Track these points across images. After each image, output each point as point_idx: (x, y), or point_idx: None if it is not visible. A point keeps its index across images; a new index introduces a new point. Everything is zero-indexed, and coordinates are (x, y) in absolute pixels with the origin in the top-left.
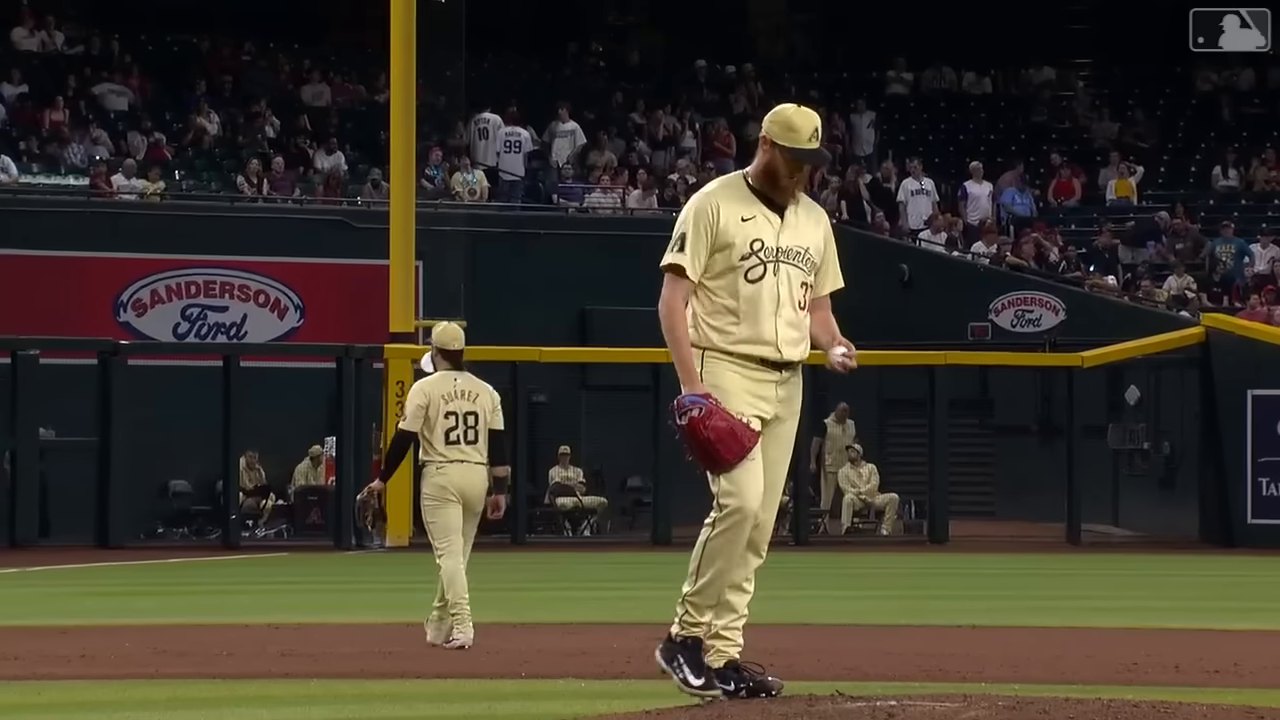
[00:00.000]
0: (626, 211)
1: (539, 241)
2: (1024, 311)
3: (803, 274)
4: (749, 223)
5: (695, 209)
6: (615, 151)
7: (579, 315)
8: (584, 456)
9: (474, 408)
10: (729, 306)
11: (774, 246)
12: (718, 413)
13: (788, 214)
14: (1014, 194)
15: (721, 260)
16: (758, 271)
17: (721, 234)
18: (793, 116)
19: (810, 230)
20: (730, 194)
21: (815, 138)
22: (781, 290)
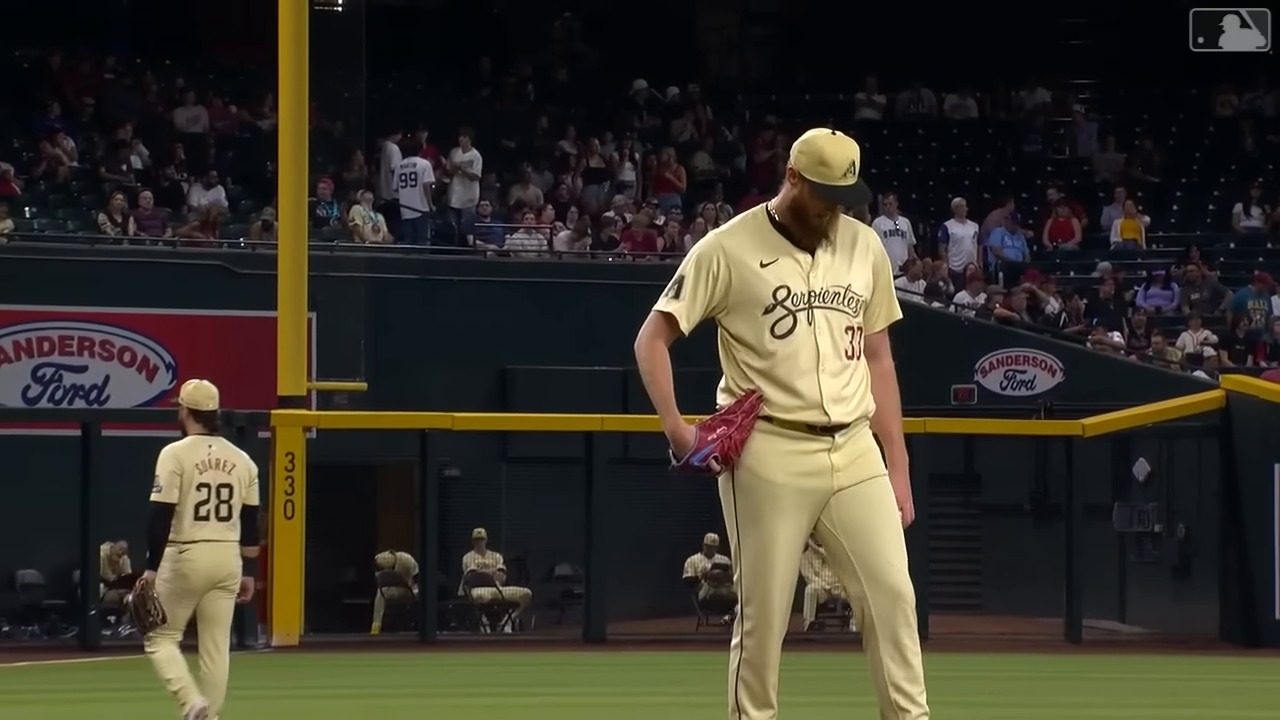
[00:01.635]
0: (554, 255)
1: (452, 290)
2: (1015, 372)
3: (846, 317)
4: (770, 268)
5: (700, 253)
6: (541, 185)
7: (499, 375)
8: (504, 540)
9: (229, 479)
10: (760, 369)
11: (804, 292)
12: (731, 441)
13: (820, 249)
14: (1003, 235)
15: (743, 316)
16: (786, 324)
17: (735, 288)
18: (824, 147)
19: (852, 261)
20: (746, 236)
21: (851, 172)
22: (821, 341)
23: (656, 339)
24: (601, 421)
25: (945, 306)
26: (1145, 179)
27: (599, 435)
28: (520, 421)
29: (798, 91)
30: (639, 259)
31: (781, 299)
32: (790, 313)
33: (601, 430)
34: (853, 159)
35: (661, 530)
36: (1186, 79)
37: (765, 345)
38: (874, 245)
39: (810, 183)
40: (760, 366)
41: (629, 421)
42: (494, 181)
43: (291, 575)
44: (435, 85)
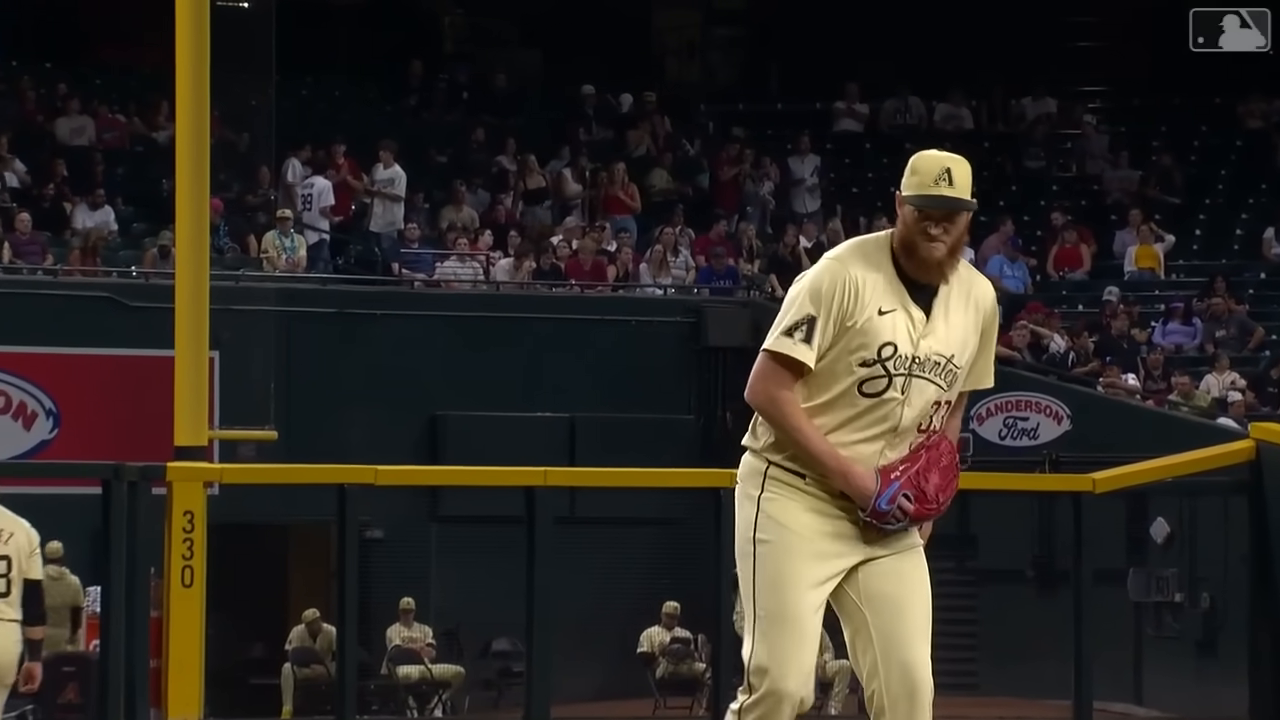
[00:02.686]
0: (491, 286)
1: (374, 325)
2: (1016, 419)
3: (939, 389)
4: (887, 317)
5: (830, 280)
6: (476, 206)
7: (428, 423)
8: (434, 611)
9: (5, 550)
10: (825, 420)
11: (908, 355)
12: (921, 477)
13: (936, 304)
14: (1002, 263)
15: (836, 358)
16: (878, 385)
17: (853, 326)
18: (916, 158)
19: (960, 324)
20: (872, 268)
21: (944, 180)
22: (905, 413)
23: (783, 388)
24: (545, 475)
25: None
26: (1163, 199)
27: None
28: (453, 475)
29: (768, 100)
30: (588, 290)
31: (885, 357)
32: (888, 374)
33: (545, 485)
34: (947, 167)
35: (614, 599)
36: (1210, 86)
37: (846, 399)
38: (986, 304)
39: (905, 198)
40: (827, 419)
41: (577, 475)
42: (422, 202)
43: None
44: (356, 92)
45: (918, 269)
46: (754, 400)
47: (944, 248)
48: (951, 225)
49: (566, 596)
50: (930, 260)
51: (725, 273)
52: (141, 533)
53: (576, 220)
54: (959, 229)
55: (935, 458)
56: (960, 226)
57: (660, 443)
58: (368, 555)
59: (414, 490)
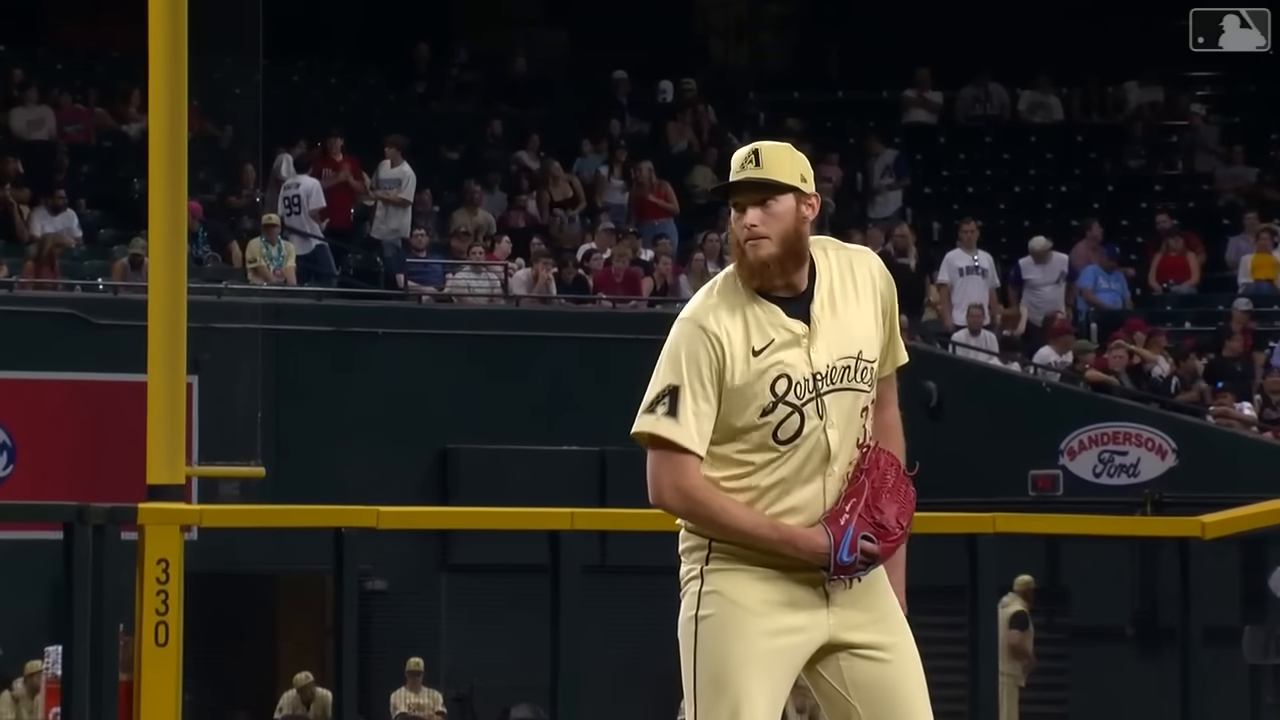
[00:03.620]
0: (510, 301)
1: (377, 346)
2: (1112, 454)
3: (862, 393)
4: (765, 353)
5: (686, 346)
6: (493, 209)
7: (437, 457)
8: (444, 674)
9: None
10: (750, 486)
11: (807, 376)
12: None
13: (815, 306)
14: (1096, 274)
15: (733, 423)
16: (792, 425)
17: (733, 384)
18: (734, 156)
19: (853, 313)
20: (726, 310)
21: (750, 162)
22: (831, 437)
23: (685, 477)
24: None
25: (1021, 367)
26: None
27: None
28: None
29: (827, 88)
30: (620, 306)
31: (782, 393)
32: (795, 408)
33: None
34: (756, 149)
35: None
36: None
37: (765, 459)
38: (874, 277)
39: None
40: (751, 485)
41: (608, 517)
42: (430, 204)
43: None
44: (355, 79)
45: (753, 276)
46: (663, 501)
47: (769, 243)
48: (767, 213)
49: (597, 657)
50: (758, 261)
51: None
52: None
53: (607, 225)
54: (781, 217)
55: (880, 480)
56: (782, 213)
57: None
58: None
59: (422, 535)
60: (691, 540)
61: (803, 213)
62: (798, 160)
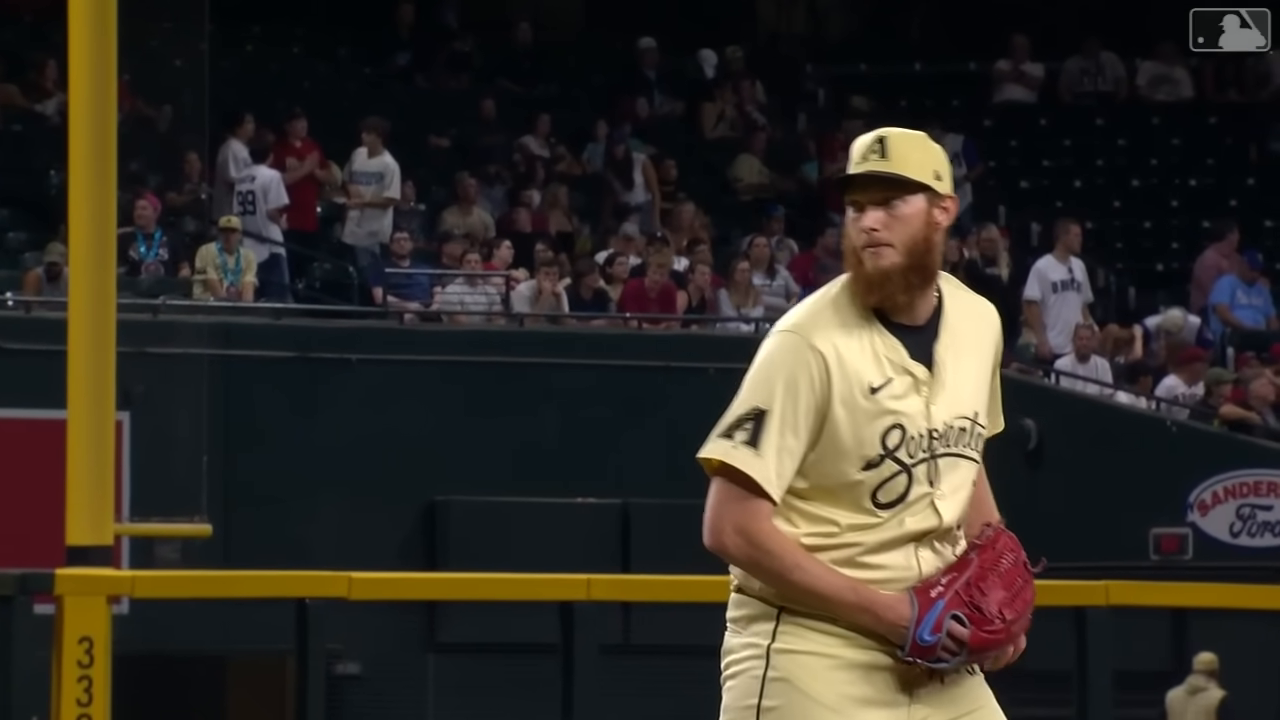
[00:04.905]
0: (512, 320)
1: (349, 375)
2: (1254, 508)
3: (974, 463)
4: (882, 392)
5: (786, 365)
6: (492, 209)
7: (423, 512)
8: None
9: None
10: (830, 547)
11: (924, 431)
12: (974, 589)
13: (939, 347)
14: (1234, 287)
15: (825, 471)
16: (897, 487)
17: (830, 427)
18: (854, 143)
19: (973, 365)
20: (841, 329)
21: (875, 152)
22: (942, 510)
23: (755, 519)
24: (588, 585)
25: (1142, 402)
26: None
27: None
28: (458, 586)
29: (901, 59)
30: (647, 325)
31: (893, 447)
32: (904, 468)
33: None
34: (881, 136)
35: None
36: None
37: (853, 519)
38: (996, 327)
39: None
40: (838, 547)
41: (632, 586)
42: (415, 202)
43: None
44: (323, 49)
45: (870, 291)
46: (723, 545)
47: (891, 252)
48: (891, 214)
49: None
50: (876, 272)
51: None
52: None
53: (632, 228)
54: (908, 221)
55: (991, 560)
56: (909, 216)
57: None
58: (339, 697)
59: (404, 607)
60: (751, 607)
61: (935, 218)
62: (932, 153)
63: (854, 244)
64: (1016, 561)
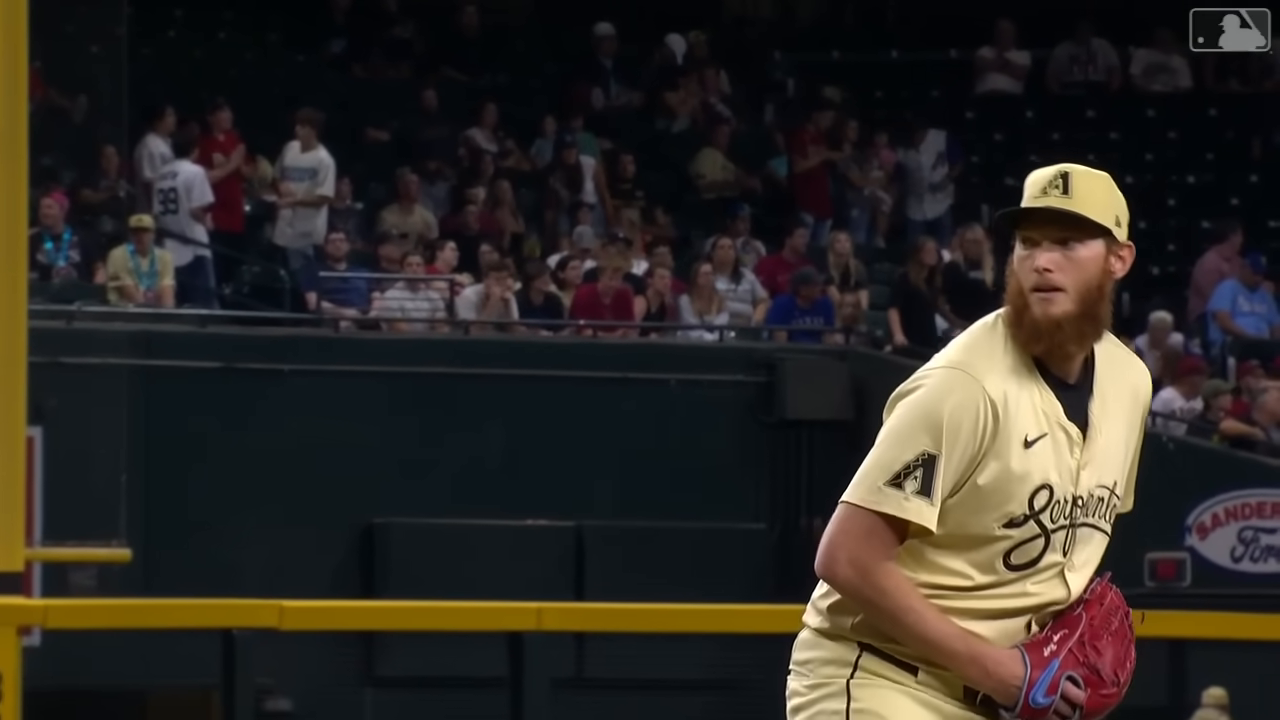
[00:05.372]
0: (457, 328)
1: (280, 388)
2: (1257, 531)
3: (1106, 535)
4: (1037, 446)
5: (953, 404)
6: (434, 207)
7: (360, 536)
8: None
9: None
10: (955, 599)
11: (1068, 497)
12: (1086, 649)
13: (1094, 406)
14: (1235, 292)
15: (963, 520)
16: (1031, 550)
17: (989, 470)
18: (1031, 175)
19: (1121, 431)
20: (1005, 372)
21: (1057, 187)
22: (1071, 582)
23: (880, 558)
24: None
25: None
26: None
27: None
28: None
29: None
30: (603, 334)
31: (1040, 508)
32: (1044, 533)
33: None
34: (1065, 171)
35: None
36: None
37: (980, 576)
38: (1147, 393)
39: (1004, 223)
40: (962, 602)
41: (587, 614)
42: (352, 200)
43: None
44: (252, 34)
45: (1035, 340)
46: (834, 575)
47: (1064, 298)
48: (1068, 256)
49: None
50: (1047, 320)
51: (813, 307)
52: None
53: (587, 229)
54: (1084, 266)
55: (1102, 617)
56: (1086, 261)
57: (714, 565)
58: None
59: (339, 638)
60: (828, 650)
61: (1111, 266)
62: (1116, 196)
63: (1022, 285)
64: (1124, 618)
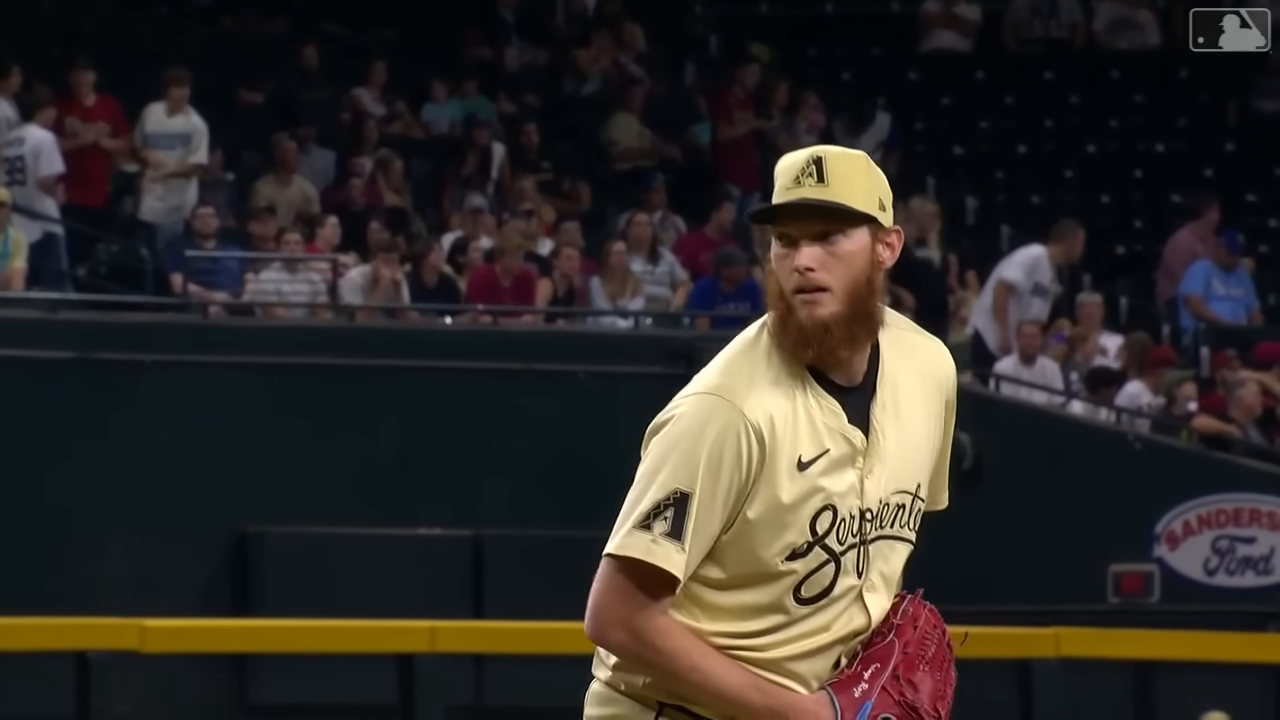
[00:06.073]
0: (341, 313)
1: (143, 380)
2: (1234, 540)
3: (906, 545)
4: (814, 467)
5: (712, 436)
6: (315, 178)
7: (232, 546)
8: None
9: None
10: (745, 645)
11: (855, 512)
12: (900, 684)
13: (877, 405)
14: (1209, 274)
15: (741, 558)
16: (823, 579)
17: (751, 510)
18: (781, 162)
19: (917, 422)
20: (768, 387)
21: (810, 175)
22: (870, 604)
23: (649, 615)
24: (432, 635)
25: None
26: None
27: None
28: (275, 636)
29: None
30: (504, 320)
31: (823, 533)
32: (833, 557)
33: (432, 652)
34: (818, 156)
35: None
36: None
37: (768, 620)
38: (948, 376)
39: (758, 219)
40: (746, 648)
41: (485, 634)
42: (222, 170)
43: None
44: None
45: (803, 346)
46: (606, 641)
47: (829, 299)
48: (830, 252)
49: None
50: (813, 324)
51: (738, 291)
52: None
53: (484, 202)
54: (849, 261)
55: (917, 644)
56: (852, 255)
57: None
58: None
59: (208, 661)
60: (624, 705)
61: (880, 256)
62: (876, 177)
63: (782, 286)
64: (942, 642)
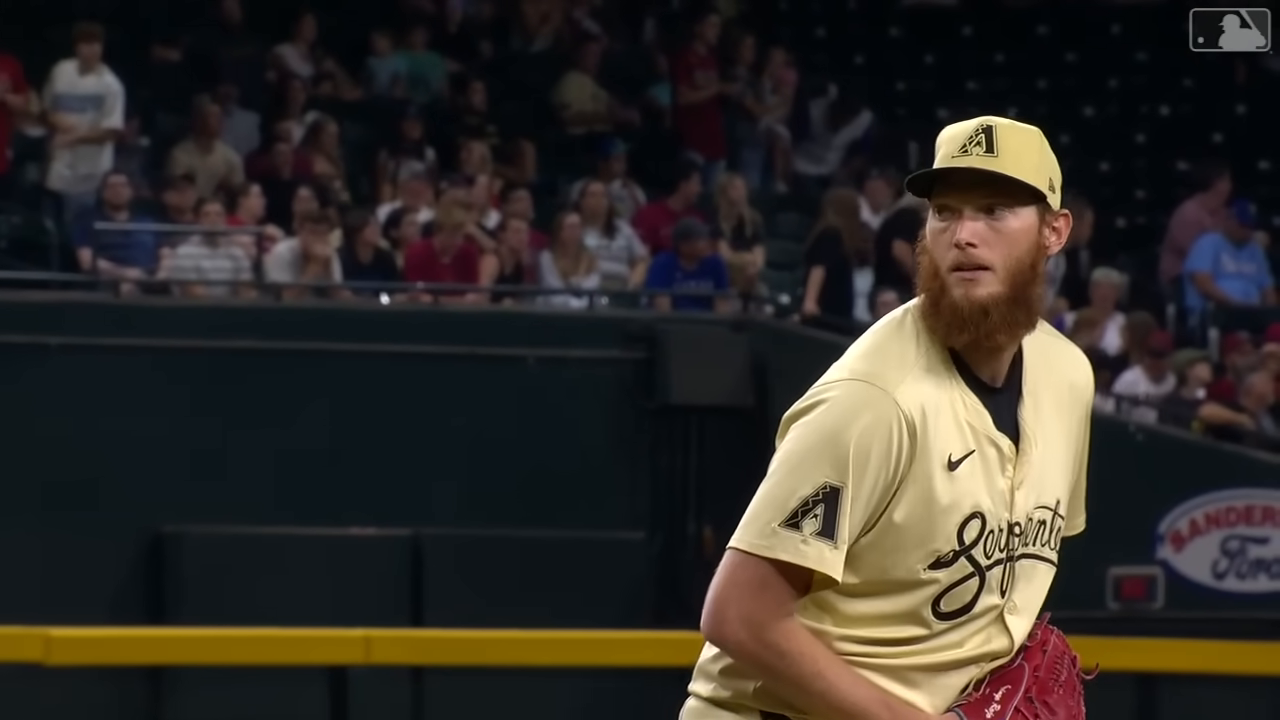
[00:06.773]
0: (267, 293)
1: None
2: (1245, 541)
3: (1052, 565)
4: (963, 468)
5: (861, 427)
6: (237, 144)
7: (148, 547)
8: None
9: None
10: (875, 656)
11: (1002, 525)
12: (1036, 709)
13: (1025, 411)
14: (1218, 249)
15: (880, 563)
16: (965, 594)
17: (895, 507)
18: (945, 131)
19: (1060, 438)
20: (921, 377)
21: (979, 144)
22: (1013, 627)
23: (778, 617)
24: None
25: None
26: None
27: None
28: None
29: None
30: (446, 300)
31: (970, 542)
32: (978, 570)
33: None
34: (987, 125)
35: None
36: None
37: (901, 630)
38: (1088, 386)
39: (914, 187)
40: (885, 660)
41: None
42: (137, 136)
43: None
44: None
45: (957, 330)
46: (724, 637)
47: (990, 278)
48: (995, 228)
49: None
50: (971, 306)
51: (700, 268)
52: None
53: (424, 169)
54: (1015, 240)
55: (1048, 667)
56: (1018, 234)
57: (582, 584)
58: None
59: (120, 674)
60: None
61: (1046, 240)
62: (1048, 156)
63: (936, 261)
64: (1072, 668)
